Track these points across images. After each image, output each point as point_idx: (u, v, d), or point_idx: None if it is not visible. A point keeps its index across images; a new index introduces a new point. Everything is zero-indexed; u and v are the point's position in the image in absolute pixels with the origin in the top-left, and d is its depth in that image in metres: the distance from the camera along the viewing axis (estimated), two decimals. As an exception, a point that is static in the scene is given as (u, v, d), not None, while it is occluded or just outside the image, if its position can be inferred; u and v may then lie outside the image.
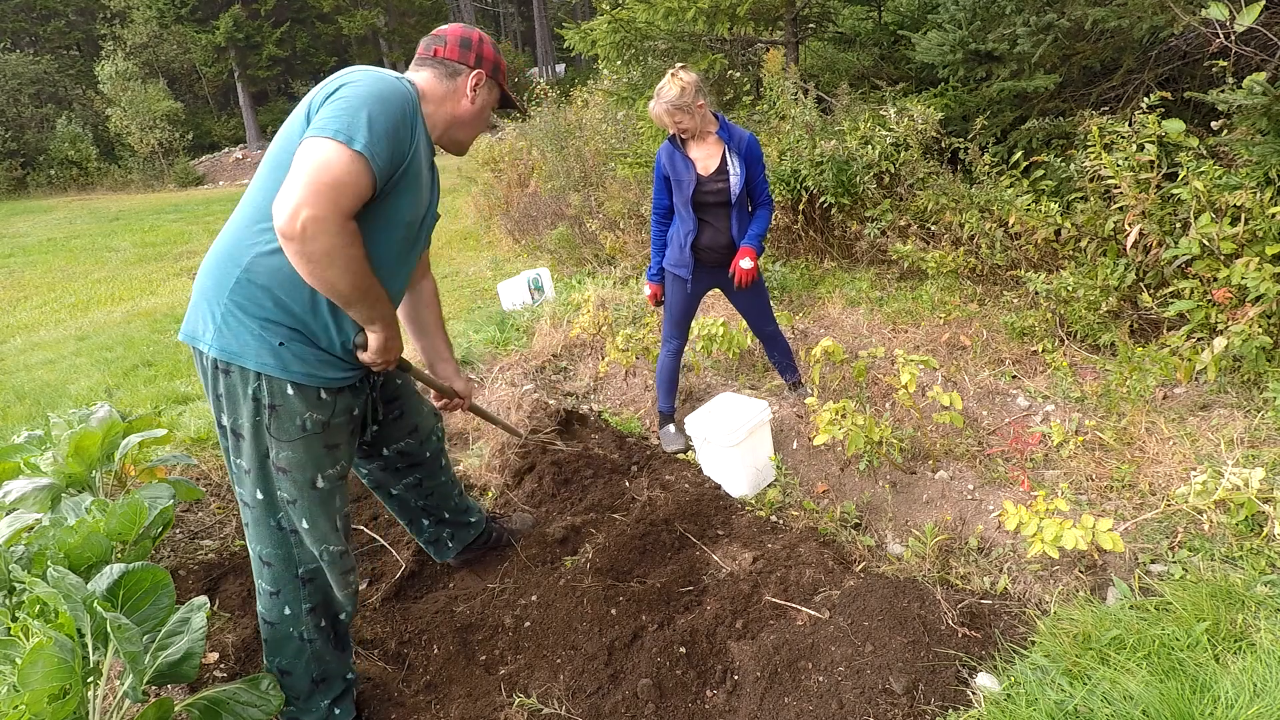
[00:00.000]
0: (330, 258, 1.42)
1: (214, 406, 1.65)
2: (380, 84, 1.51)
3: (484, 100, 1.79)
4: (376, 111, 1.46)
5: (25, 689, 1.43)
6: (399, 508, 2.30)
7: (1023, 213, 3.46)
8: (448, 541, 2.43)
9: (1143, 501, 2.34)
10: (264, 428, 1.61)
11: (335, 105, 1.45)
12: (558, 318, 4.60)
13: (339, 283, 1.48)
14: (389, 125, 1.48)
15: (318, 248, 1.40)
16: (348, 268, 1.46)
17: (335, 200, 1.40)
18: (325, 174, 1.39)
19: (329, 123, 1.43)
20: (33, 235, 13.19)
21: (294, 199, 1.37)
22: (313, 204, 1.37)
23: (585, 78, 15.85)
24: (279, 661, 1.82)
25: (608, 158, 7.02)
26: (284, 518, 1.71)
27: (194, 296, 1.63)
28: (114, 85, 20.68)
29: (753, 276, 2.89)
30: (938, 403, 2.56)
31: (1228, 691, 1.51)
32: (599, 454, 3.18)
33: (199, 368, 1.65)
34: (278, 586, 1.77)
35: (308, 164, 1.40)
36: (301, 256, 1.41)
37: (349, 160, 1.41)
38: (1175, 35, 3.65)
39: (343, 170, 1.40)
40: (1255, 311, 2.56)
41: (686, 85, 2.68)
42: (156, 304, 7.54)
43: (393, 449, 2.09)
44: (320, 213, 1.37)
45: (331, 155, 1.40)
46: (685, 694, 1.91)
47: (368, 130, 1.44)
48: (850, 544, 2.44)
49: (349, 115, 1.43)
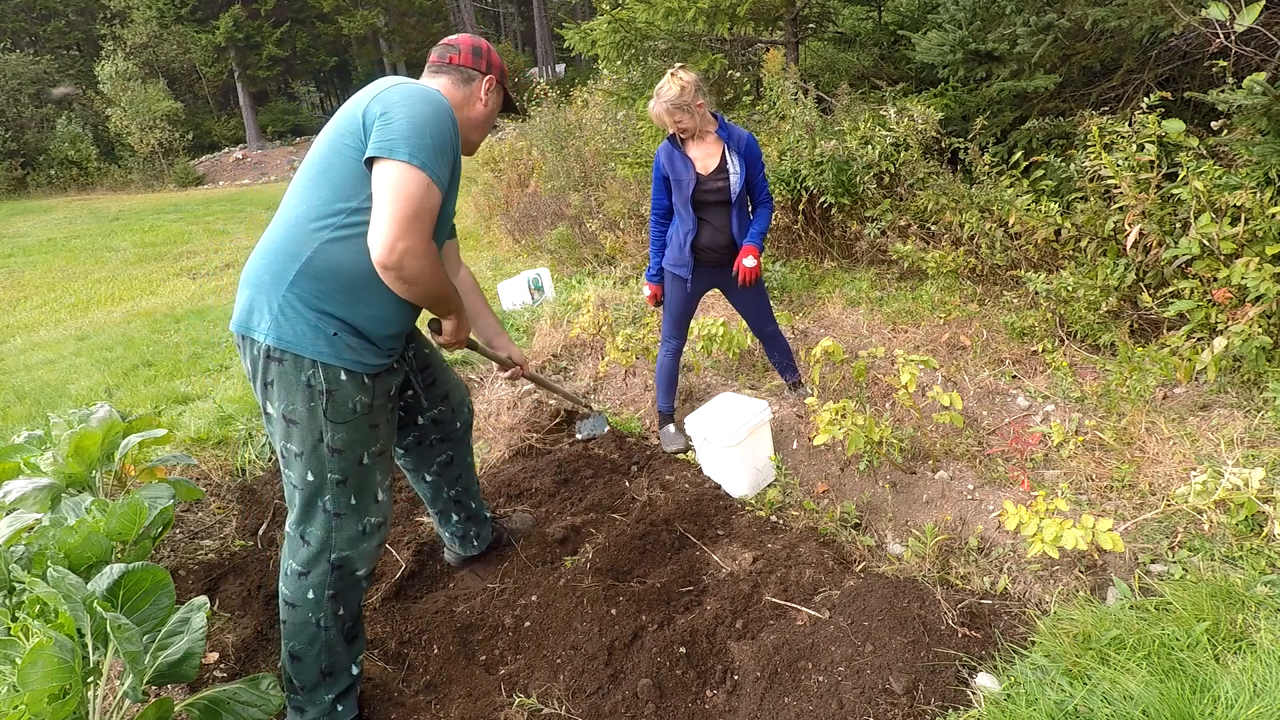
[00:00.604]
0: (423, 277, 1.63)
1: (261, 395, 1.74)
2: (434, 107, 1.65)
3: (494, 104, 1.96)
4: (436, 132, 1.62)
5: (25, 689, 1.43)
6: (432, 495, 2.36)
7: (1023, 213, 3.46)
8: (474, 540, 2.48)
9: (1143, 501, 2.34)
10: (320, 412, 1.71)
11: (398, 125, 1.59)
12: (558, 318, 4.61)
13: (429, 293, 1.70)
14: (445, 143, 1.65)
15: (413, 272, 1.60)
16: (435, 280, 1.68)
17: (422, 229, 1.59)
18: (410, 206, 1.56)
19: (399, 145, 1.57)
20: (33, 235, 13.19)
21: (390, 234, 1.55)
22: (406, 237, 1.56)
23: (585, 78, 15.85)
24: (293, 645, 1.85)
25: (608, 158, 7.02)
26: (329, 500, 1.79)
27: (247, 289, 1.72)
28: (114, 85, 20.69)
29: (756, 274, 2.89)
30: (938, 403, 2.56)
31: (1228, 691, 1.51)
32: (599, 454, 3.18)
33: (246, 357, 1.74)
34: (308, 567, 1.81)
35: (394, 196, 1.55)
36: (400, 281, 1.61)
37: (427, 189, 1.58)
38: (1175, 35, 3.65)
39: (424, 200, 1.58)
40: (1255, 311, 2.56)
41: (686, 85, 2.68)
42: (156, 304, 7.54)
43: (427, 416, 2.20)
44: (413, 244, 1.57)
45: (413, 187, 1.56)
46: (685, 694, 1.91)
47: (435, 154, 1.60)
48: (850, 544, 2.44)
49: (415, 137, 1.58)
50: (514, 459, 3.24)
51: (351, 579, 1.87)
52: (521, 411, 3.52)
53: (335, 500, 1.79)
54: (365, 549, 1.87)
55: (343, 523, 1.81)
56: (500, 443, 3.35)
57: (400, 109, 1.61)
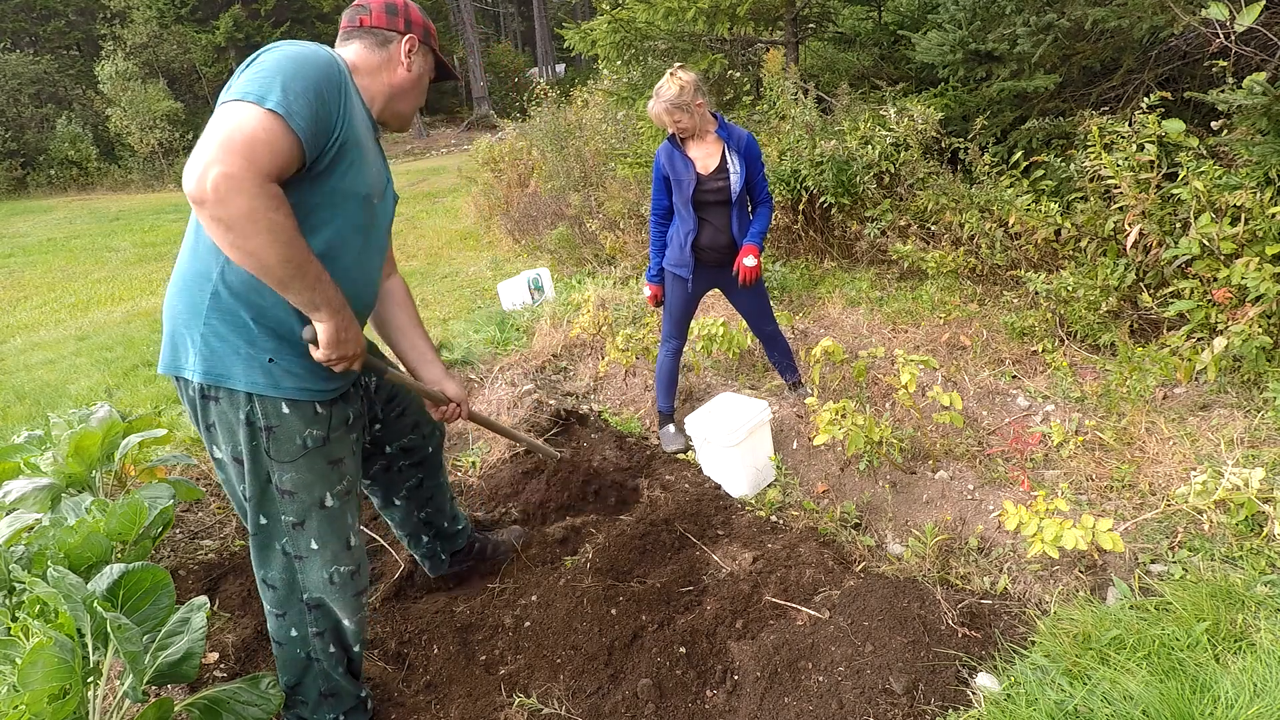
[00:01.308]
0: (252, 222, 1.28)
1: (206, 439, 1.59)
2: (297, 50, 1.41)
3: (420, 67, 1.69)
4: (291, 72, 1.36)
5: (25, 689, 1.43)
6: (401, 519, 2.25)
7: (1023, 213, 3.46)
8: (441, 555, 2.39)
9: (1143, 501, 2.34)
10: (263, 451, 1.54)
11: (248, 74, 1.37)
12: (558, 318, 4.61)
13: (265, 253, 1.31)
14: (307, 85, 1.37)
15: (235, 210, 1.26)
16: (274, 235, 1.30)
17: (249, 156, 1.27)
18: (236, 132, 1.27)
19: (240, 88, 1.33)
20: (33, 235, 13.19)
21: (203, 158, 1.25)
22: (224, 160, 1.25)
23: (585, 78, 15.85)
24: (287, 679, 1.82)
25: (608, 158, 7.02)
26: (287, 543, 1.65)
27: (167, 327, 1.55)
28: (114, 85, 20.69)
29: (756, 274, 2.89)
30: (938, 403, 2.56)
31: (1228, 691, 1.51)
32: (597, 464, 3.18)
33: (185, 400, 1.57)
34: (283, 610, 1.73)
35: (218, 126, 1.29)
36: (217, 222, 1.27)
37: (261, 116, 1.30)
38: (1175, 35, 3.65)
39: (256, 126, 1.29)
40: (1255, 311, 2.56)
41: (685, 84, 2.68)
42: (156, 304, 7.54)
43: (396, 446, 2.05)
44: (232, 169, 1.25)
45: (243, 114, 1.29)
46: (685, 694, 1.91)
47: (281, 91, 1.33)
48: (850, 544, 2.44)
49: (261, 79, 1.33)
50: (514, 459, 3.24)
51: (335, 619, 1.76)
52: (521, 411, 3.52)
53: (294, 543, 1.64)
54: (340, 600, 1.72)
55: (305, 565, 1.66)
56: (500, 443, 3.35)
57: (258, 61, 1.39)
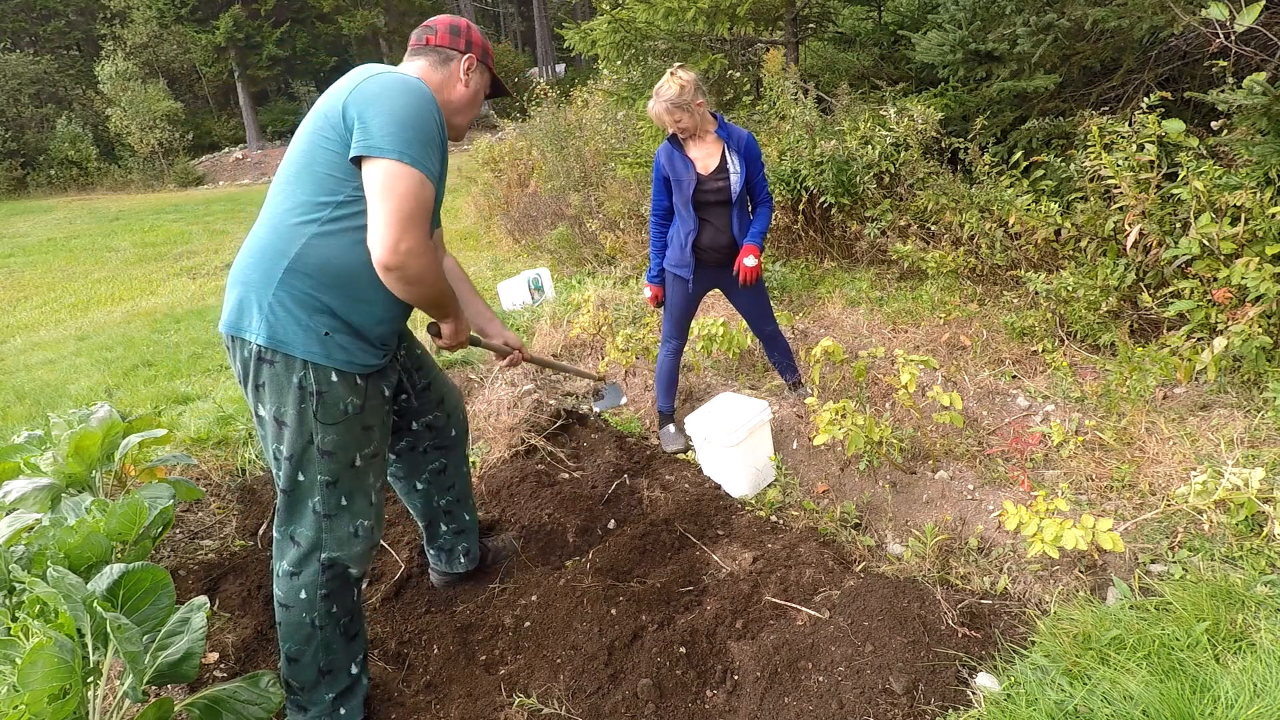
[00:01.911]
0: (425, 277, 1.60)
1: (252, 397, 1.71)
2: (411, 93, 1.60)
3: (476, 85, 1.87)
4: (421, 123, 1.57)
5: (25, 689, 1.43)
6: (422, 505, 2.28)
7: (1023, 213, 3.46)
8: (461, 556, 2.39)
9: (1143, 501, 2.34)
10: (310, 414, 1.68)
11: (381, 121, 1.54)
12: (558, 318, 4.61)
13: (430, 294, 1.66)
14: (431, 134, 1.60)
15: (416, 272, 1.57)
16: (436, 280, 1.65)
17: (422, 227, 1.56)
18: (407, 205, 1.52)
19: (386, 142, 1.53)
20: (33, 235, 13.19)
21: (391, 235, 1.52)
22: (407, 237, 1.53)
23: (585, 78, 15.85)
24: (289, 647, 1.84)
25: (608, 158, 7.02)
26: (318, 501, 1.76)
27: (236, 290, 1.68)
28: (114, 85, 20.68)
29: (757, 274, 2.89)
30: (938, 403, 2.56)
31: (1228, 691, 1.51)
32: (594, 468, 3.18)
33: (236, 359, 1.70)
34: (299, 568, 1.80)
35: (388, 195, 1.52)
36: (404, 282, 1.58)
37: (420, 185, 1.54)
38: (1175, 35, 3.65)
39: (419, 197, 1.54)
40: (1255, 311, 2.56)
41: (685, 84, 2.68)
42: (156, 304, 7.54)
43: (421, 422, 2.16)
44: (414, 243, 1.54)
45: (406, 184, 1.52)
46: (685, 694, 1.91)
47: (422, 147, 1.56)
48: (850, 544, 2.44)
49: (399, 132, 1.53)
50: (514, 459, 3.24)
51: (344, 578, 1.85)
52: (521, 411, 3.52)
53: (325, 501, 1.77)
54: (356, 551, 1.84)
55: (333, 523, 1.79)
56: (500, 443, 3.35)
57: (380, 103, 1.56)
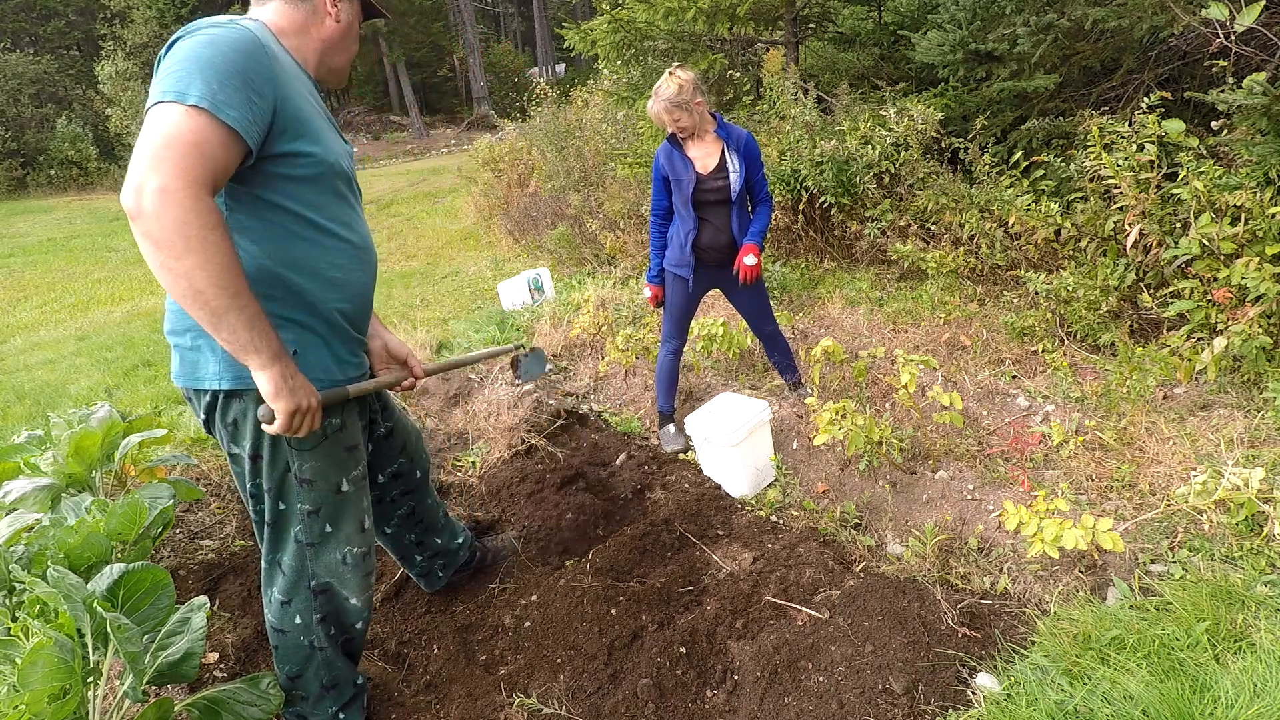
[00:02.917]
0: (184, 239, 1.20)
1: (225, 437, 1.56)
2: (210, 33, 1.33)
3: (349, 15, 1.64)
4: (208, 58, 1.27)
5: (25, 689, 1.43)
6: (393, 544, 2.24)
7: (1023, 213, 3.46)
8: (439, 572, 2.37)
9: (1143, 501, 2.34)
10: (283, 443, 1.55)
11: (163, 69, 1.29)
12: (558, 318, 4.61)
13: (197, 275, 1.23)
14: (231, 69, 1.29)
15: (165, 223, 1.19)
16: (207, 256, 1.22)
17: (182, 165, 1.20)
18: (166, 139, 1.21)
19: (158, 86, 1.26)
20: (33, 235, 13.20)
21: (136, 172, 1.20)
22: (156, 171, 1.19)
23: (585, 78, 15.85)
24: (289, 669, 1.81)
25: (608, 158, 7.02)
26: (300, 531, 1.67)
27: (180, 339, 1.49)
28: (114, 85, 20.68)
29: (756, 273, 2.89)
30: (938, 403, 2.56)
31: (1228, 691, 1.51)
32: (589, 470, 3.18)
33: (200, 408, 1.55)
34: (289, 596, 1.74)
35: (147, 134, 1.23)
36: (148, 239, 1.21)
37: (188, 117, 1.23)
38: (1175, 35, 3.65)
39: (185, 129, 1.22)
40: (1255, 311, 2.56)
41: (684, 83, 2.68)
42: (156, 304, 7.54)
43: (387, 473, 2.04)
44: (165, 181, 1.19)
45: (170, 118, 1.23)
46: (685, 694, 1.91)
47: (203, 81, 1.25)
48: (850, 544, 2.44)
49: (178, 73, 1.26)
50: (513, 459, 3.24)
51: (339, 603, 1.78)
52: (521, 411, 3.52)
53: (307, 530, 1.66)
54: (350, 580, 1.76)
55: (317, 552, 1.69)
56: (500, 443, 3.35)
57: (171, 55, 1.31)
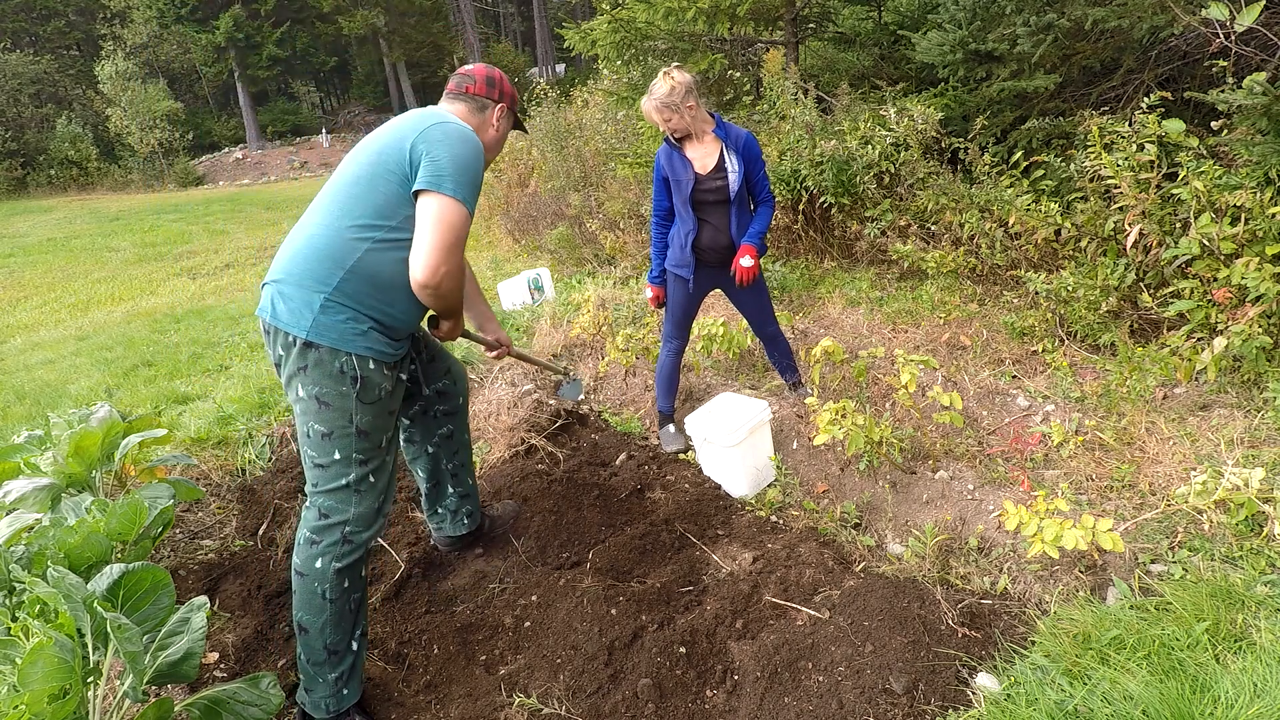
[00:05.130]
0: (456, 294, 1.90)
1: (295, 376, 1.89)
2: (468, 143, 1.89)
3: (504, 127, 2.21)
4: (474, 169, 1.87)
5: (25, 689, 1.43)
6: (431, 468, 2.48)
7: (1023, 213, 3.46)
8: (464, 518, 2.59)
9: (1143, 501, 2.34)
10: (353, 396, 1.90)
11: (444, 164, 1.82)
12: (558, 318, 4.61)
13: (454, 305, 1.95)
14: (478, 177, 1.90)
15: (449, 290, 1.85)
16: (460, 296, 1.94)
17: (459, 253, 1.84)
18: (451, 235, 1.79)
19: (445, 181, 1.81)
20: (33, 235, 13.20)
21: (433, 259, 1.78)
22: (447, 262, 1.80)
23: (585, 78, 15.84)
24: (300, 616, 1.93)
25: (608, 158, 7.02)
26: (352, 476, 1.94)
27: (285, 286, 1.87)
28: (114, 85, 20.69)
29: (754, 274, 2.89)
30: (938, 403, 2.56)
31: (1228, 691, 1.51)
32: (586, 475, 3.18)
33: (277, 343, 1.89)
34: (321, 536, 1.93)
35: (438, 225, 1.78)
36: (437, 298, 1.86)
37: (465, 219, 1.83)
38: (1175, 35, 3.65)
39: (462, 229, 1.83)
40: (1255, 311, 2.56)
41: (677, 85, 2.68)
42: (156, 304, 7.54)
43: (432, 388, 2.38)
44: (452, 267, 1.82)
45: (453, 217, 1.80)
46: (685, 694, 1.91)
47: (472, 189, 1.87)
48: (850, 544, 2.44)
49: (457, 174, 1.82)
50: (514, 459, 3.24)
51: (357, 553, 1.98)
52: (521, 411, 3.52)
53: (359, 478, 1.95)
54: (377, 526, 2.03)
55: (362, 499, 1.96)
56: (500, 443, 3.35)
57: (444, 148, 1.84)
